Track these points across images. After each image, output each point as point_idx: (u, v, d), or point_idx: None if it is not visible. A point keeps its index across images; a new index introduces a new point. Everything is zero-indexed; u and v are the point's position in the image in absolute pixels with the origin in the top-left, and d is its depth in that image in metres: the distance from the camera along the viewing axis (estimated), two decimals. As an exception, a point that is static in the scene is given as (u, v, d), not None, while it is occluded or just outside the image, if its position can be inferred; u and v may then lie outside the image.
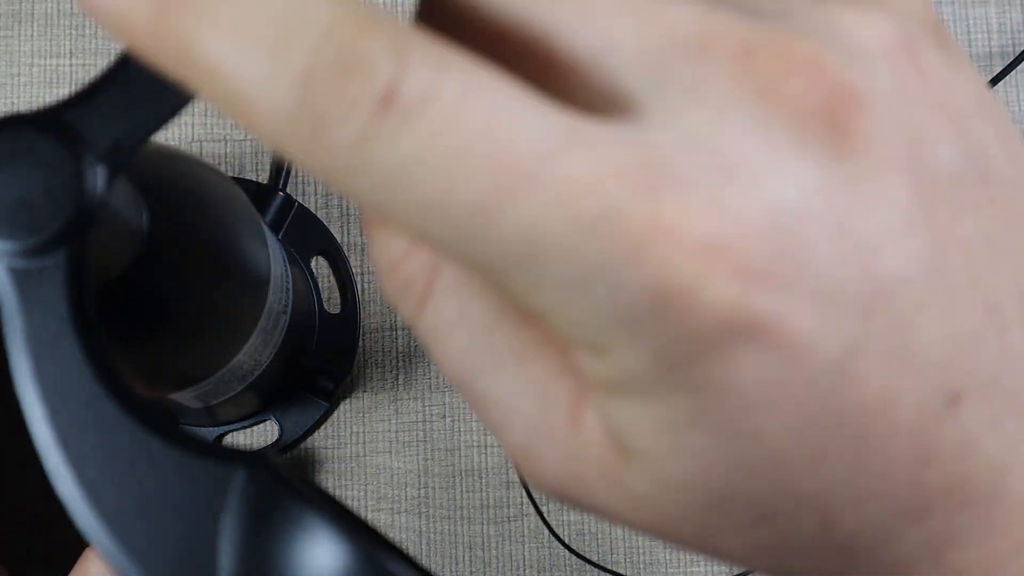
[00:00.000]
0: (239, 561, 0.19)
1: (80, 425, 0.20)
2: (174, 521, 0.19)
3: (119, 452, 0.19)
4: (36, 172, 0.20)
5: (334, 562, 0.18)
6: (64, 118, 0.21)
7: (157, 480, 0.19)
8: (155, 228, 0.25)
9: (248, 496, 0.19)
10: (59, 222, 0.20)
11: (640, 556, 0.42)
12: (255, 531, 0.19)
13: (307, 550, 0.18)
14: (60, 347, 0.20)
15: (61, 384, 0.20)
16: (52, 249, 0.20)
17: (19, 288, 0.20)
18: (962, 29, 0.45)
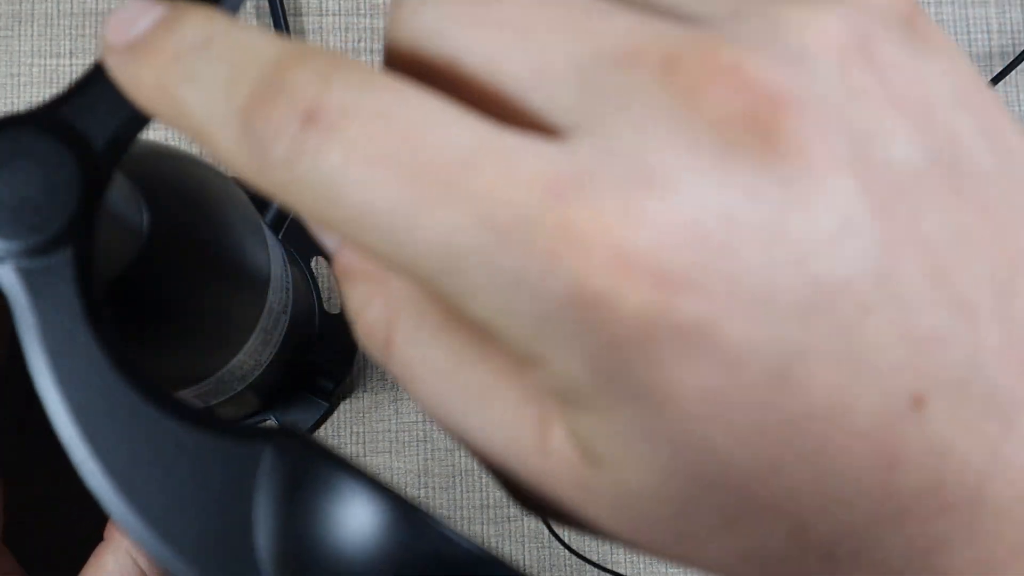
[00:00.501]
0: (277, 535, 0.19)
1: (104, 417, 0.20)
2: (206, 504, 0.19)
3: (145, 440, 0.19)
4: (36, 171, 0.21)
5: (375, 521, 0.18)
6: (59, 115, 0.21)
7: (185, 465, 0.19)
8: (155, 228, 0.25)
9: (278, 470, 0.19)
10: (63, 219, 0.20)
11: (640, 556, 0.42)
12: (290, 503, 0.19)
13: (346, 512, 0.18)
14: (76, 342, 0.20)
15: (81, 378, 0.20)
16: (59, 246, 0.20)
17: (29, 287, 0.20)
18: (962, 29, 0.45)
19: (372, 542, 0.18)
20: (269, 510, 0.19)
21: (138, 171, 0.26)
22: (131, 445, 0.19)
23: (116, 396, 0.20)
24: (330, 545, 0.18)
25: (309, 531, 0.19)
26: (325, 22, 0.45)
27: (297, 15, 0.45)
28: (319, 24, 0.45)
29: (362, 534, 0.18)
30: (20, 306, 0.20)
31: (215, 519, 0.19)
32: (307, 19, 0.45)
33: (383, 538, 0.18)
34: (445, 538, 0.19)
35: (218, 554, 0.19)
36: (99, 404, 0.20)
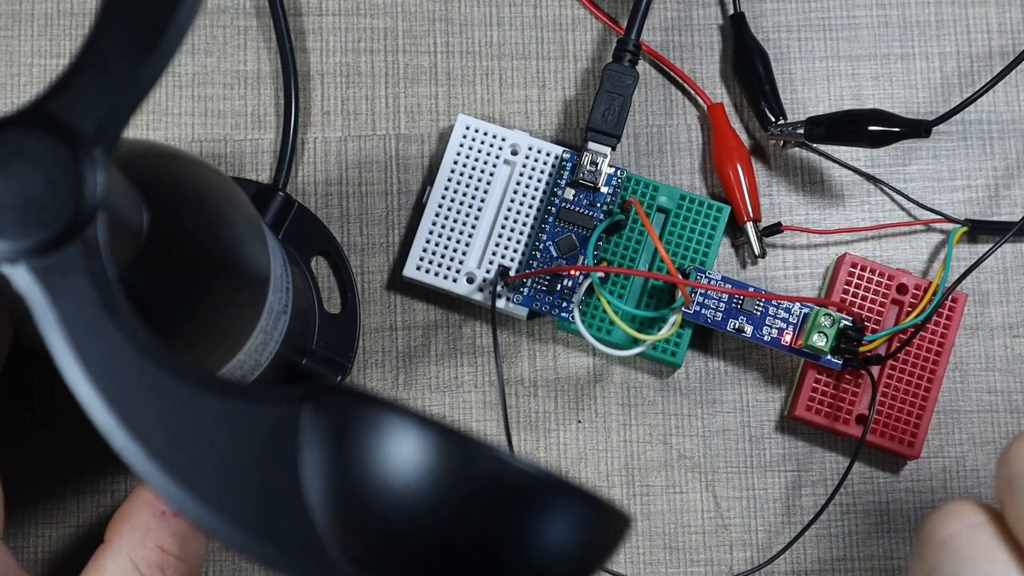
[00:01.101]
0: (327, 488, 0.19)
1: (137, 401, 0.20)
2: (253, 471, 0.19)
3: (182, 418, 0.19)
4: (34, 169, 0.21)
5: (424, 453, 0.18)
6: (47, 112, 0.21)
7: (226, 436, 0.19)
8: (155, 228, 0.25)
9: (319, 425, 0.19)
10: (68, 212, 0.20)
11: (640, 556, 0.42)
12: (337, 454, 0.19)
13: (394, 450, 0.18)
14: (99, 331, 0.20)
15: (110, 367, 0.20)
16: (68, 240, 0.20)
17: (46, 285, 0.20)
18: (962, 29, 0.45)
19: (424, 474, 0.18)
20: (316, 466, 0.19)
21: (138, 171, 0.26)
22: (169, 425, 0.19)
23: (147, 379, 0.20)
24: (383, 485, 0.18)
25: (360, 476, 0.18)
26: (325, 22, 0.45)
27: (297, 15, 0.45)
28: (319, 24, 0.45)
29: (413, 468, 0.18)
30: (39, 304, 0.20)
31: (263, 485, 0.19)
32: (307, 19, 0.45)
33: (434, 469, 0.18)
34: (497, 460, 0.19)
35: (271, 519, 0.19)
36: (131, 389, 0.20)
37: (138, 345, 0.20)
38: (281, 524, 0.19)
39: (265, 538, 0.19)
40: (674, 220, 0.42)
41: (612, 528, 0.21)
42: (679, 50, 0.45)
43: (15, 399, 0.41)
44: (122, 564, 0.34)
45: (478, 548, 0.19)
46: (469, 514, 0.18)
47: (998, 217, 0.44)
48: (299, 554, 0.19)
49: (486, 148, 0.42)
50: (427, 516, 0.18)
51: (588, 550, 0.20)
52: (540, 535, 0.19)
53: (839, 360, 0.41)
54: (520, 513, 0.19)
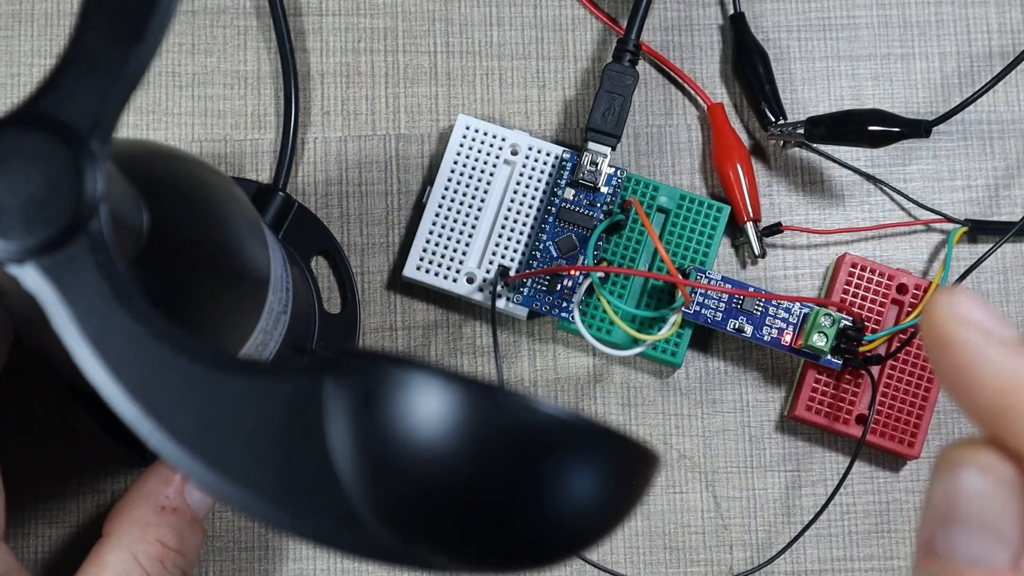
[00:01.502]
0: (357, 453, 0.19)
1: (160, 387, 0.20)
2: (281, 447, 0.19)
3: (206, 400, 0.19)
4: (32, 168, 0.21)
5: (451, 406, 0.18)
6: (39, 110, 0.21)
7: (251, 415, 0.19)
8: (155, 228, 0.25)
9: (343, 393, 0.19)
10: (70, 208, 0.21)
11: (640, 556, 0.42)
12: (363, 418, 0.19)
13: (421, 406, 0.18)
14: (114, 322, 0.20)
15: (129, 356, 0.20)
16: (73, 235, 0.20)
17: (56, 282, 0.20)
18: (962, 29, 0.45)
19: (454, 428, 0.18)
20: (343, 433, 0.19)
21: (138, 171, 0.26)
22: (193, 408, 0.19)
23: (166, 365, 0.20)
24: (413, 443, 0.18)
25: (389, 437, 0.18)
26: (325, 22, 0.45)
27: (297, 15, 0.45)
28: (319, 24, 0.45)
29: (443, 423, 0.18)
30: (51, 302, 0.20)
31: (292, 459, 0.19)
32: (307, 19, 0.45)
33: (464, 421, 0.18)
34: (527, 407, 0.19)
35: (303, 492, 0.19)
36: (152, 376, 0.20)
37: (154, 331, 0.20)
38: (314, 496, 0.19)
39: (299, 511, 0.19)
40: (674, 220, 0.42)
41: (645, 466, 0.21)
42: (679, 50, 0.45)
43: (15, 399, 0.41)
44: (123, 558, 0.34)
45: (515, 496, 0.19)
46: (503, 463, 0.18)
47: (998, 217, 0.44)
48: (334, 524, 0.19)
49: (486, 148, 0.42)
50: (461, 469, 0.18)
51: (623, 489, 0.20)
52: (575, 477, 0.19)
53: (839, 360, 0.41)
54: (554, 457, 0.19)
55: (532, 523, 0.19)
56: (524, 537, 0.19)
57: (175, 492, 0.35)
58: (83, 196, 0.21)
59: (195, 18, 0.45)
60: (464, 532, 0.19)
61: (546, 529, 0.19)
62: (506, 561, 0.19)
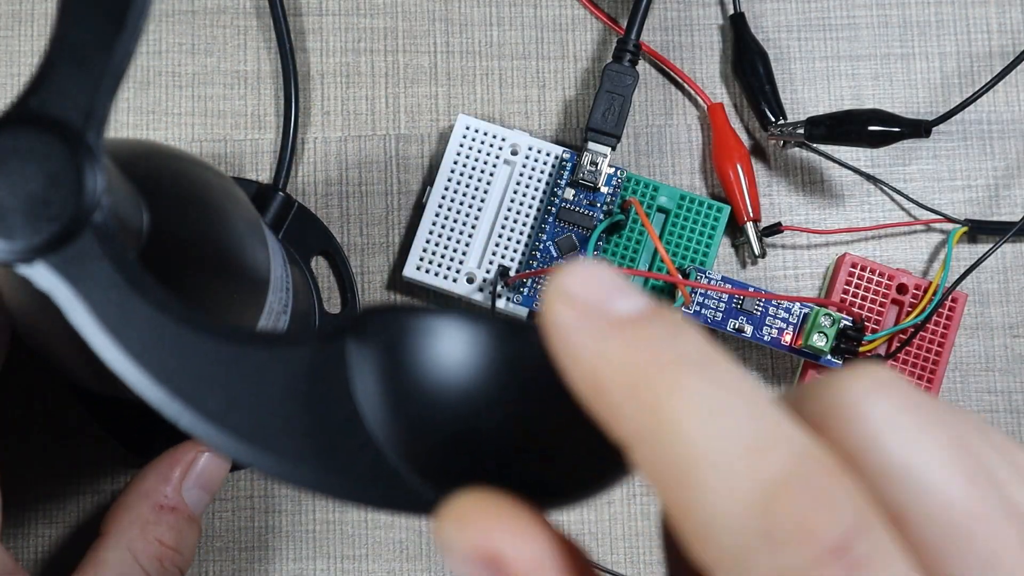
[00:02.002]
0: (388, 407, 0.19)
1: (184, 368, 0.20)
2: (311, 412, 0.19)
3: (231, 376, 0.20)
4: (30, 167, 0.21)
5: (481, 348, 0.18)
6: (30, 108, 0.21)
7: (277, 385, 0.19)
8: (155, 228, 0.25)
9: (367, 350, 0.19)
10: (73, 202, 0.21)
11: (640, 556, 0.42)
12: (390, 371, 0.19)
13: (450, 351, 0.18)
14: (131, 310, 0.20)
15: (150, 341, 0.20)
16: (79, 229, 0.21)
17: (67, 278, 0.20)
18: (962, 29, 0.45)
19: (485, 367, 0.18)
20: (372, 390, 0.19)
21: (138, 171, 0.26)
22: (220, 385, 0.19)
23: (188, 346, 0.20)
24: (444, 387, 0.18)
25: (418, 385, 0.18)
26: (325, 22, 0.45)
27: (297, 15, 0.45)
28: (319, 24, 0.45)
29: (472, 364, 0.18)
30: (65, 298, 0.20)
31: (324, 423, 0.19)
32: (307, 19, 0.45)
33: (494, 359, 0.18)
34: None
35: (339, 454, 0.19)
36: (175, 359, 0.20)
37: (172, 314, 0.20)
38: (350, 456, 0.19)
39: (336, 472, 0.19)
40: (674, 220, 0.42)
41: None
42: (679, 50, 0.45)
43: (15, 399, 0.41)
44: (121, 556, 0.34)
45: (548, 431, 0.19)
46: (536, 398, 0.18)
47: (998, 217, 0.44)
48: (373, 481, 0.19)
49: (486, 148, 0.42)
50: (494, 409, 0.18)
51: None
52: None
53: (839, 360, 0.41)
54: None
55: (572, 453, 0.19)
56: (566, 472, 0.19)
57: (173, 491, 0.35)
58: (84, 190, 0.21)
59: (195, 18, 0.45)
60: (505, 474, 0.19)
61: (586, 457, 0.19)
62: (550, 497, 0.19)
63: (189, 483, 0.36)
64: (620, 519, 0.42)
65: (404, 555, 0.42)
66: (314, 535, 0.42)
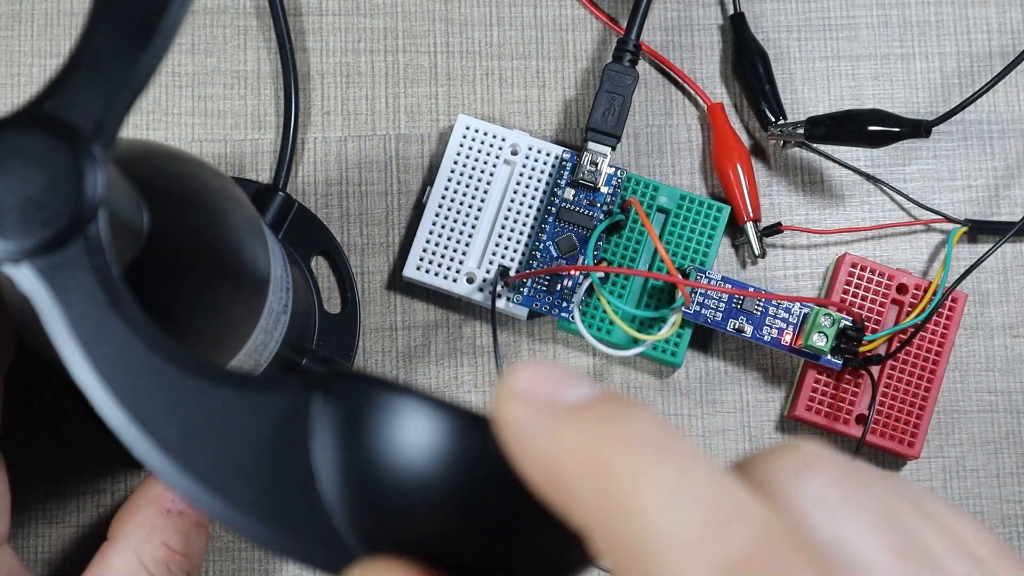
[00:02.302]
0: (342, 473, 0.19)
1: (148, 395, 0.20)
2: (265, 461, 0.19)
3: (193, 411, 0.19)
4: (33, 169, 0.21)
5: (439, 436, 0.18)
6: (43, 111, 0.21)
7: (237, 428, 0.19)
8: (155, 228, 0.25)
9: (331, 412, 0.19)
10: (69, 210, 0.21)
11: (640, 556, 0.42)
12: (349, 439, 0.19)
13: (409, 433, 0.18)
14: (106, 328, 0.20)
15: (118, 362, 0.20)
16: (70, 238, 0.20)
17: (50, 284, 0.20)
18: (962, 29, 0.45)
19: (440, 456, 0.18)
20: (329, 452, 0.19)
21: (138, 171, 0.26)
22: (180, 418, 0.19)
23: (156, 374, 0.20)
24: (398, 468, 0.18)
25: (374, 460, 0.18)
26: (325, 22, 0.45)
27: (297, 15, 0.45)
28: (319, 24, 0.45)
29: (429, 450, 0.18)
30: (44, 304, 0.20)
31: (276, 475, 0.19)
32: (307, 19, 0.45)
33: (450, 449, 0.18)
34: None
35: (285, 508, 0.19)
36: (141, 384, 0.20)
37: (146, 340, 0.20)
38: (295, 513, 0.19)
39: (279, 528, 0.19)
40: (674, 220, 0.42)
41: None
42: (679, 50, 0.45)
43: (15, 399, 0.41)
44: (129, 561, 0.34)
45: (499, 528, 0.18)
46: (488, 493, 0.18)
47: (998, 217, 0.44)
48: (314, 542, 0.19)
49: (486, 148, 0.42)
50: (443, 501, 0.18)
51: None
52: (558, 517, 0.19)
53: (839, 360, 0.41)
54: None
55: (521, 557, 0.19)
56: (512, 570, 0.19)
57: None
58: (82, 199, 0.21)
59: (195, 18, 0.45)
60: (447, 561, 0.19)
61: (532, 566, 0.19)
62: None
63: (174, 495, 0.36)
64: (620, 519, 0.42)
65: (404, 555, 0.42)
66: (314, 535, 0.42)
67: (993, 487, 0.43)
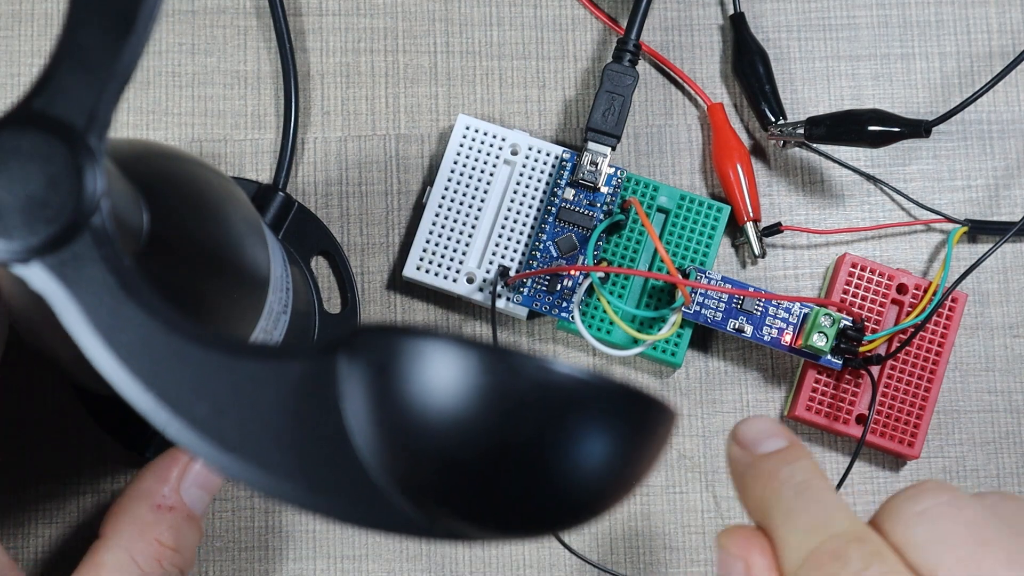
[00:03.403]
0: (375, 427, 0.19)
1: (173, 376, 0.20)
2: (298, 427, 0.19)
3: (220, 386, 0.19)
4: (31, 168, 0.21)
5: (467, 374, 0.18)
6: (34, 109, 0.21)
7: (266, 397, 0.19)
8: (155, 228, 0.25)
9: (358, 368, 0.19)
10: (72, 204, 0.21)
11: (640, 556, 0.42)
12: (380, 391, 0.19)
13: (438, 374, 0.18)
14: (123, 315, 0.20)
15: (140, 347, 0.20)
16: (76, 232, 0.21)
17: (62, 279, 0.20)
18: (962, 29, 0.45)
19: (472, 394, 0.18)
20: (360, 409, 0.19)
21: (138, 171, 0.26)
22: (208, 395, 0.19)
23: (178, 353, 0.20)
24: (431, 412, 0.18)
25: (406, 407, 0.18)
26: (325, 22, 0.45)
27: (297, 15, 0.45)
28: (319, 24, 0.45)
29: (460, 390, 0.18)
30: (59, 300, 0.20)
31: (310, 439, 0.19)
32: (307, 19, 0.45)
33: (482, 386, 0.18)
34: (542, 367, 0.19)
35: (323, 471, 0.19)
36: (165, 366, 0.20)
37: (164, 321, 0.20)
38: (335, 474, 0.19)
39: (319, 491, 0.19)
40: (674, 220, 0.42)
41: (664, 421, 0.21)
42: (679, 50, 0.45)
43: (15, 399, 0.41)
44: (120, 557, 0.34)
45: (537, 458, 0.19)
46: (524, 426, 0.18)
47: (998, 217, 0.44)
48: (357, 501, 0.19)
49: (486, 148, 0.42)
50: (481, 435, 0.18)
51: (645, 445, 0.20)
52: (597, 435, 0.19)
53: (839, 360, 0.41)
54: (575, 416, 0.19)
55: (556, 484, 0.19)
56: (549, 499, 0.19)
57: (171, 490, 0.35)
58: (83, 192, 0.21)
59: (195, 18, 0.45)
60: (489, 498, 0.19)
61: (571, 490, 0.19)
62: (531, 525, 0.19)
63: (188, 482, 0.36)
64: (620, 519, 0.42)
65: (404, 555, 0.42)
66: (314, 535, 0.42)
67: (993, 487, 0.43)
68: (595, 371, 0.19)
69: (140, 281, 0.20)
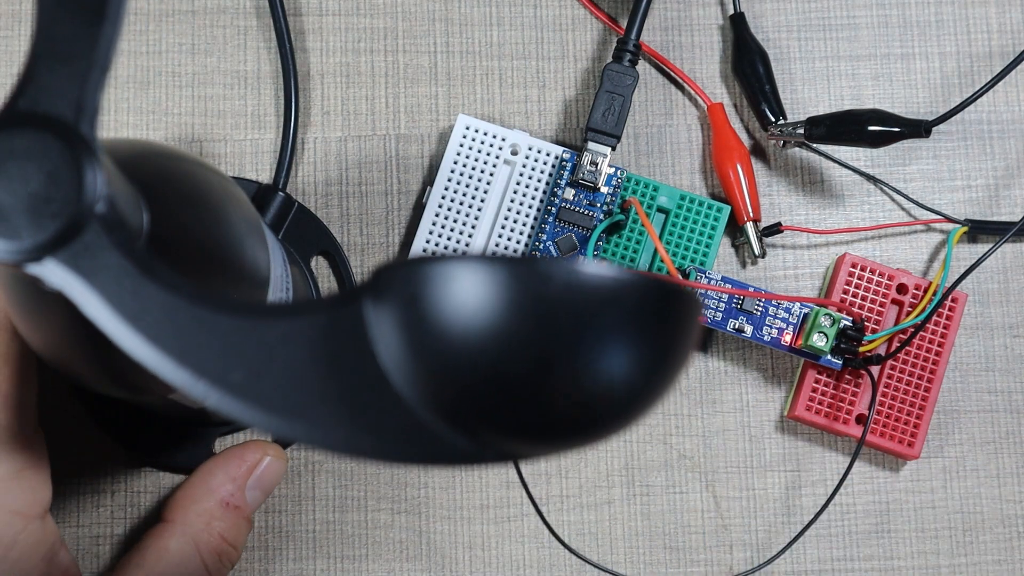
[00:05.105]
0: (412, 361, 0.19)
1: (204, 348, 0.20)
2: (335, 377, 0.19)
3: (252, 350, 0.20)
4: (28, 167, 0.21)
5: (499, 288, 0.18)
6: (20, 109, 0.21)
7: (299, 354, 0.19)
8: (155, 228, 0.25)
9: (385, 307, 0.19)
10: (75, 196, 0.21)
11: (640, 556, 0.42)
12: (411, 323, 0.19)
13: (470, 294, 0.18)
14: (146, 296, 0.20)
15: (168, 325, 0.20)
16: (84, 222, 0.21)
17: (79, 272, 0.20)
18: (962, 29, 0.45)
19: (506, 306, 0.18)
20: (396, 348, 0.19)
21: (138, 171, 0.26)
22: (242, 361, 0.19)
23: (206, 325, 0.20)
24: (468, 331, 0.18)
25: (442, 333, 0.18)
26: (325, 22, 0.45)
27: (297, 15, 0.45)
28: (319, 24, 0.45)
29: (493, 305, 0.18)
30: (79, 292, 0.20)
31: (349, 387, 0.19)
32: (307, 19, 0.45)
33: (515, 297, 0.18)
34: (571, 270, 0.19)
35: (367, 415, 0.19)
36: (195, 340, 0.20)
37: (187, 296, 0.20)
38: (380, 417, 0.19)
39: (370, 434, 0.19)
40: (674, 220, 0.42)
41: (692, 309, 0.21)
42: (679, 50, 0.45)
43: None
44: (186, 546, 0.35)
45: (574, 361, 0.19)
46: (560, 330, 0.18)
47: (998, 217, 0.44)
48: (406, 439, 0.19)
49: (486, 148, 0.42)
50: (520, 345, 0.18)
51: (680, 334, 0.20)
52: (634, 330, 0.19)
53: (839, 360, 0.41)
54: (608, 316, 0.19)
55: (601, 384, 0.19)
56: (596, 401, 0.19)
57: (238, 489, 0.36)
58: (84, 183, 0.21)
59: (195, 18, 0.45)
60: (536, 408, 0.19)
61: (616, 388, 0.19)
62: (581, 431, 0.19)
63: (251, 483, 0.37)
64: (620, 519, 0.42)
65: (404, 555, 0.42)
66: (314, 535, 0.42)
67: (993, 487, 0.43)
68: (623, 267, 0.19)
69: (154, 260, 0.20)
